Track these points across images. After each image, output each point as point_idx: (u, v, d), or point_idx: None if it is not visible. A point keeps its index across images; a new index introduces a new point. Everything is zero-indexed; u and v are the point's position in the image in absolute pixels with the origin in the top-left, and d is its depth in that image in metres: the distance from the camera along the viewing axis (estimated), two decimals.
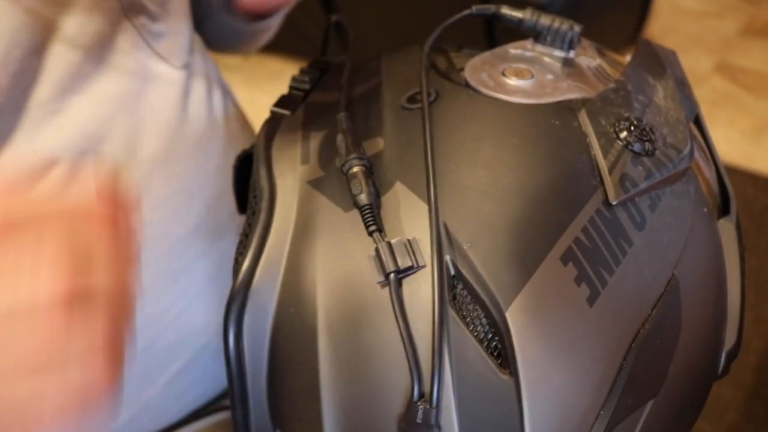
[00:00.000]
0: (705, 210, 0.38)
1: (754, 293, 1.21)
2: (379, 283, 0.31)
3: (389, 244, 0.31)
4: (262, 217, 0.35)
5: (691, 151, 0.38)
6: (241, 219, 0.48)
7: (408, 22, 1.27)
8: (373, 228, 0.32)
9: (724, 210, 0.41)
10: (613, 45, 0.47)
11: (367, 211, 0.32)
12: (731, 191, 0.42)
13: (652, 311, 0.33)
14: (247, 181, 0.43)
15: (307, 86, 0.41)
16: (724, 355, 0.38)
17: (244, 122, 0.52)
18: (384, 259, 0.31)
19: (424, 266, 0.31)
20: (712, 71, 1.63)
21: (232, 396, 0.34)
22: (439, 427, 0.30)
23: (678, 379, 0.34)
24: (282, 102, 0.41)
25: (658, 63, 0.42)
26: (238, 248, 0.37)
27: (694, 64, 0.40)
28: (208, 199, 0.47)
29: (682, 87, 0.42)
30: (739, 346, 0.39)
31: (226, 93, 0.51)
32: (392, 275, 0.30)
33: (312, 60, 0.44)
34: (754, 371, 1.10)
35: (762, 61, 1.69)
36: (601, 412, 0.31)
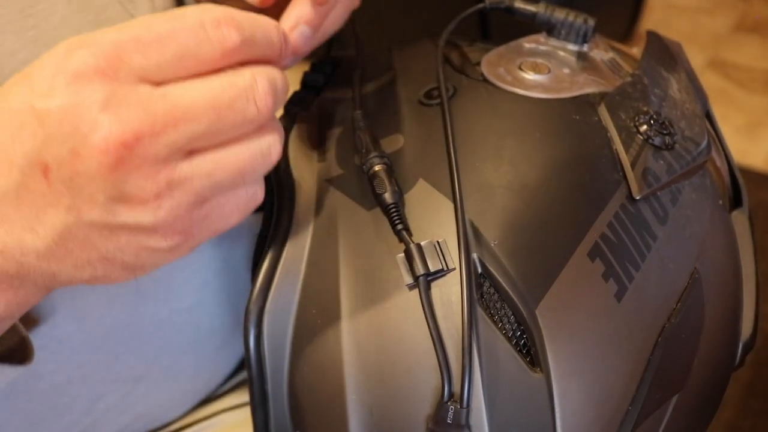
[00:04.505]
0: (720, 202, 0.38)
1: None
2: (407, 285, 0.31)
3: (419, 246, 0.30)
4: (282, 216, 0.34)
5: (709, 145, 0.38)
6: (250, 217, 0.47)
7: (406, 17, 1.27)
8: (400, 227, 0.31)
9: (735, 201, 0.41)
10: None
11: (393, 209, 0.31)
12: (742, 183, 0.42)
13: (677, 305, 0.33)
14: None
15: (320, 83, 0.41)
16: (741, 346, 0.38)
17: None
18: (414, 262, 0.30)
19: (453, 269, 0.30)
20: (704, 67, 1.64)
21: (252, 398, 0.34)
22: (469, 427, 0.29)
23: (701, 372, 0.34)
24: (295, 99, 0.40)
25: (669, 55, 0.42)
26: (256, 249, 0.37)
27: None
28: None
29: (693, 79, 0.42)
30: (755, 338, 0.39)
31: None
32: (421, 278, 0.30)
33: (323, 56, 0.43)
34: (751, 368, 1.11)
35: (754, 56, 1.71)
36: (630, 408, 0.31)
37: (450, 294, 0.30)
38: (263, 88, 0.26)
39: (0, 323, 0.30)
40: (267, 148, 0.28)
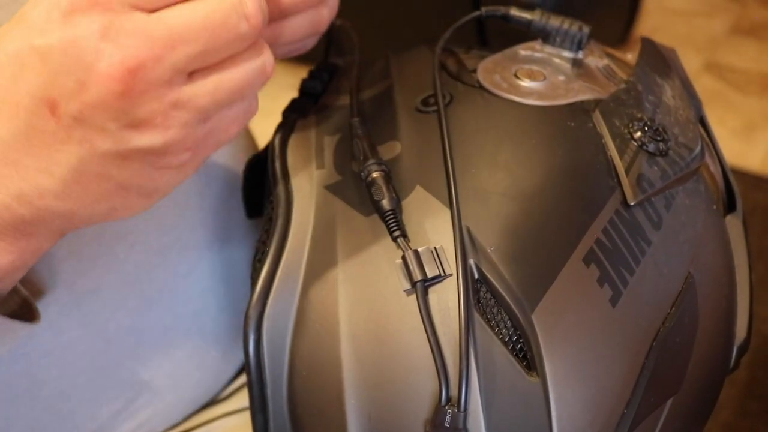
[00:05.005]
0: (714, 207, 0.38)
1: None
2: (405, 291, 0.31)
3: (416, 253, 0.31)
4: (280, 222, 0.34)
5: (702, 151, 0.38)
6: (250, 224, 0.48)
7: (403, 23, 1.27)
8: (397, 233, 0.32)
9: (729, 206, 0.41)
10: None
11: (391, 216, 0.32)
12: (736, 187, 0.42)
13: (671, 309, 0.33)
14: (258, 186, 0.43)
15: (318, 90, 0.41)
16: (735, 349, 0.38)
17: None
18: (411, 268, 0.31)
19: (450, 275, 0.31)
20: (701, 70, 1.65)
21: (251, 402, 0.34)
22: (467, 430, 0.30)
23: (695, 376, 0.35)
24: (294, 106, 0.40)
25: (663, 62, 0.43)
26: (256, 255, 0.37)
27: (683, 63, 0.41)
28: (214, 202, 0.46)
29: (687, 85, 0.43)
30: (749, 340, 0.39)
31: None
32: (419, 284, 0.30)
33: (320, 63, 0.44)
34: (748, 369, 1.11)
35: (750, 59, 1.72)
36: (626, 411, 0.31)
37: (447, 299, 0.31)
38: (252, 4, 0.27)
39: (13, 273, 0.31)
40: (261, 65, 0.29)
